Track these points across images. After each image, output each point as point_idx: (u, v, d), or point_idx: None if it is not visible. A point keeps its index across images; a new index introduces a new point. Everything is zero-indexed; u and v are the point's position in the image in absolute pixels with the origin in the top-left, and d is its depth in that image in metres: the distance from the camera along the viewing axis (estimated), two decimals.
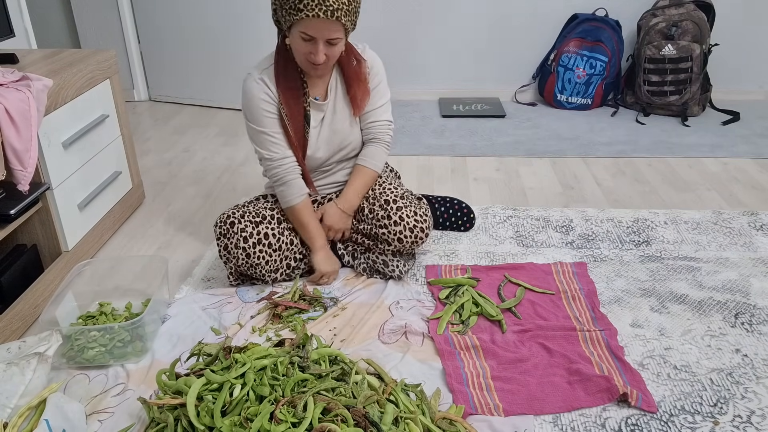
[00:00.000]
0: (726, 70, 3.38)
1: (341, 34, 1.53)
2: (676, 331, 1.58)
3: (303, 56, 1.58)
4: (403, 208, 1.73)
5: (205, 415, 1.17)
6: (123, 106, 2.20)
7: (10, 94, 1.54)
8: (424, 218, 1.74)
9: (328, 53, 1.56)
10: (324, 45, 1.53)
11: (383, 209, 1.74)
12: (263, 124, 1.68)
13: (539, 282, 1.78)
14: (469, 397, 1.36)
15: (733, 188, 2.41)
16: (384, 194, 1.77)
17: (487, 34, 3.46)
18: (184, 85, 3.54)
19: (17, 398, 1.27)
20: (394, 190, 1.78)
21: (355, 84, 1.72)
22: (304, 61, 1.59)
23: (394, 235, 1.72)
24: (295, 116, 1.68)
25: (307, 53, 1.56)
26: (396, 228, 1.71)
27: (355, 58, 1.71)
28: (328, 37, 1.51)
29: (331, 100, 1.74)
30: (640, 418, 1.31)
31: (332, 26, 1.50)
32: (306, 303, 1.70)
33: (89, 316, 1.64)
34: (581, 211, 2.21)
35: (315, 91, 1.72)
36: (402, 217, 1.71)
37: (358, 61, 1.71)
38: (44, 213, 1.80)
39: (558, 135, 3.00)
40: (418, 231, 1.72)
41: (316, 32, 1.50)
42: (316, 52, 1.54)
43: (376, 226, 1.74)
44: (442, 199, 2.11)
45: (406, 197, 1.78)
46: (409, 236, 1.72)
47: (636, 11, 3.28)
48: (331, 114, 1.75)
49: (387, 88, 1.80)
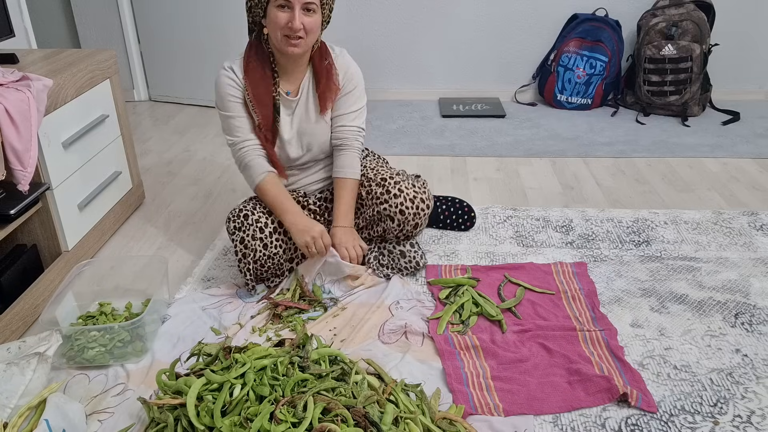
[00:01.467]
0: (726, 70, 3.38)
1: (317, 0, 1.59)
2: (676, 331, 1.58)
3: (281, 29, 1.60)
4: (400, 182, 1.75)
5: (205, 415, 1.17)
6: (123, 106, 2.20)
7: (10, 94, 1.54)
8: (423, 189, 1.77)
9: (305, 23, 1.59)
10: (301, 12, 1.57)
11: (381, 186, 1.75)
12: (228, 108, 1.71)
13: (539, 282, 1.78)
14: (469, 397, 1.36)
15: (733, 188, 2.41)
16: (379, 174, 1.78)
17: (487, 34, 3.46)
18: (184, 85, 3.54)
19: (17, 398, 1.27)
20: (388, 170, 1.79)
21: (323, 81, 1.73)
22: (282, 38, 1.61)
23: (396, 207, 1.73)
24: (263, 104, 1.70)
25: (285, 24, 1.58)
26: (396, 200, 1.73)
27: (326, 57, 1.74)
28: (304, 0, 1.56)
29: (303, 97, 1.75)
30: (640, 418, 1.31)
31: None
32: (306, 303, 1.70)
33: (89, 316, 1.64)
34: (581, 211, 2.21)
35: (287, 86, 1.75)
36: (401, 189, 1.73)
37: (329, 62, 1.74)
38: (44, 213, 1.80)
39: (558, 135, 3.00)
40: (419, 201, 1.74)
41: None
42: (293, 19, 1.57)
43: (377, 204, 1.76)
44: (444, 198, 2.11)
45: (402, 173, 1.80)
46: (410, 207, 1.73)
47: (636, 11, 3.28)
48: (302, 110, 1.76)
49: (363, 95, 1.81)
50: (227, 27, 3.27)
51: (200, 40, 3.37)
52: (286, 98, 1.74)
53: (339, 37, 3.43)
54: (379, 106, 3.44)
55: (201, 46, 3.38)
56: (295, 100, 1.75)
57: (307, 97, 1.76)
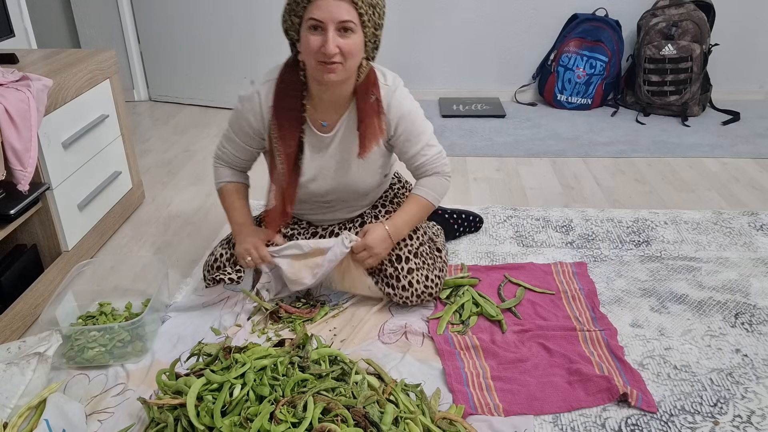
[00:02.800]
0: (726, 70, 3.38)
1: (354, 17, 1.37)
2: (676, 331, 1.58)
3: (314, 56, 1.40)
4: (414, 270, 1.62)
5: (205, 415, 1.17)
6: (123, 106, 2.20)
7: (10, 94, 1.54)
8: (435, 282, 1.65)
9: (342, 46, 1.38)
10: (335, 32, 1.37)
11: (393, 266, 1.62)
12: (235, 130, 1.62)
13: (539, 282, 1.78)
14: (469, 397, 1.36)
15: (733, 188, 2.41)
16: (397, 246, 1.63)
17: (487, 34, 3.46)
18: (184, 85, 3.54)
19: (17, 398, 1.27)
20: (409, 242, 1.65)
21: (366, 120, 1.52)
22: (317, 64, 1.41)
23: (400, 298, 1.63)
24: (287, 142, 1.53)
25: (318, 48, 1.38)
26: (404, 293, 1.62)
27: (374, 92, 1.52)
28: (338, 18, 1.35)
29: (340, 134, 1.57)
30: (640, 418, 1.31)
31: (342, 5, 1.35)
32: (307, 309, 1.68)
33: (89, 316, 1.64)
34: (581, 211, 2.21)
35: (324, 118, 1.56)
36: (411, 282, 1.62)
37: (377, 98, 1.52)
38: (44, 213, 1.80)
39: (558, 135, 3.00)
40: (426, 296, 1.64)
41: (325, 14, 1.35)
42: (326, 42, 1.36)
43: (383, 282, 1.65)
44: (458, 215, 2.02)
45: (421, 254, 1.65)
46: (416, 301, 1.64)
47: (636, 11, 3.28)
48: (335, 149, 1.58)
49: (424, 123, 1.60)
50: (227, 27, 3.27)
51: (200, 40, 3.37)
52: (317, 134, 1.57)
53: None
54: None
55: (201, 46, 3.38)
56: (329, 136, 1.57)
57: (346, 135, 1.57)
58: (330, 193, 1.64)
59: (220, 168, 1.70)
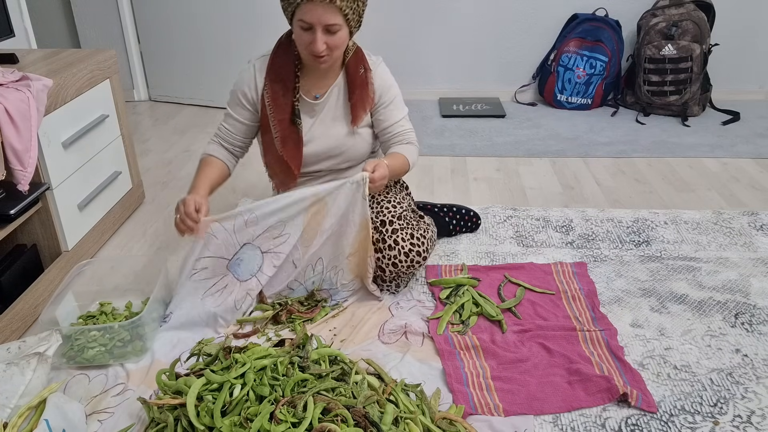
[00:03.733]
0: (726, 70, 3.38)
1: (339, 20, 1.50)
2: (676, 331, 1.58)
3: (305, 48, 1.55)
4: (399, 230, 1.65)
5: (205, 415, 1.17)
6: (123, 106, 2.20)
7: (10, 94, 1.54)
8: (421, 240, 1.67)
9: (329, 42, 1.52)
10: (323, 32, 1.50)
11: (378, 231, 1.66)
12: (231, 104, 1.73)
13: (539, 282, 1.78)
14: (469, 397, 1.36)
15: (733, 188, 2.41)
16: (381, 213, 1.69)
17: (487, 34, 3.46)
18: (184, 85, 3.54)
19: (17, 398, 1.27)
20: (392, 209, 1.70)
21: (357, 91, 1.67)
22: (307, 54, 1.56)
23: (389, 260, 1.64)
24: (281, 109, 1.66)
25: (308, 44, 1.53)
26: (390, 253, 1.64)
27: (363, 66, 1.67)
28: (325, 22, 1.48)
29: (331, 102, 1.70)
30: (640, 418, 1.31)
31: (329, 10, 1.47)
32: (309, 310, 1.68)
33: (89, 316, 1.64)
34: (581, 211, 2.21)
35: (315, 89, 1.69)
36: (397, 240, 1.64)
37: (366, 70, 1.67)
38: (44, 213, 1.80)
39: (558, 135, 3.00)
40: (414, 255, 1.64)
41: (313, 17, 1.48)
42: (315, 41, 1.51)
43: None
44: (448, 209, 2.04)
45: (404, 217, 1.70)
46: (404, 261, 1.64)
47: (636, 11, 3.28)
48: (329, 115, 1.71)
49: (402, 101, 1.76)
50: (227, 27, 3.27)
51: (200, 40, 3.36)
52: (309, 101, 1.69)
53: None
54: None
55: (201, 46, 3.38)
56: (320, 103, 1.69)
57: (336, 103, 1.70)
58: (323, 157, 1.73)
59: (211, 144, 1.77)
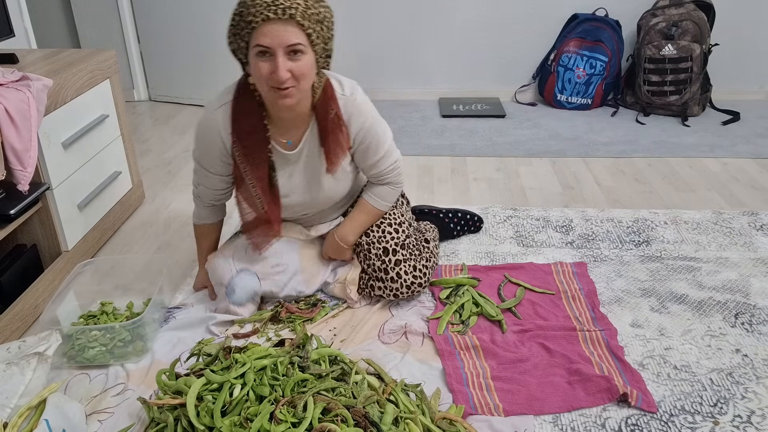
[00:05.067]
0: (726, 70, 3.38)
1: (302, 39, 1.32)
2: (676, 331, 1.58)
3: (265, 81, 1.35)
4: (402, 262, 1.63)
5: (205, 415, 1.17)
6: (123, 106, 2.20)
7: (10, 94, 1.54)
8: (423, 272, 1.66)
9: (293, 69, 1.33)
10: (284, 56, 1.32)
11: (380, 260, 1.63)
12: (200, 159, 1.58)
13: (539, 282, 1.78)
14: (469, 397, 1.36)
15: (733, 188, 2.41)
16: (383, 239, 1.64)
17: (487, 34, 3.46)
18: (184, 85, 3.54)
19: (17, 398, 1.27)
20: (395, 235, 1.66)
21: (330, 137, 1.51)
22: (270, 90, 1.37)
23: (390, 291, 1.64)
24: (256, 164, 1.51)
25: (269, 74, 1.34)
26: (393, 285, 1.63)
27: (333, 107, 1.49)
28: (286, 43, 1.30)
29: (305, 150, 1.55)
30: (640, 418, 1.31)
31: (288, 28, 1.30)
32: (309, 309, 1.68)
33: (91, 315, 1.64)
34: (581, 211, 2.21)
35: (286, 136, 1.53)
36: (400, 273, 1.62)
37: (336, 113, 1.49)
38: (44, 213, 1.80)
39: (558, 135, 3.00)
40: (416, 287, 1.64)
41: (272, 40, 1.30)
42: (276, 68, 1.32)
43: (372, 277, 1.66)
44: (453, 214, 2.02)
45: (408, 245, 1.66)
46: (406, 293, 1.64)
47: (636, 11, 3.28)
48: (304, 165, 1.57)
49: (384, 132, 1.59)
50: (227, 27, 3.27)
51: (200, 40, 3.36)
52: (283, 153, 1.54)
53: (338, 37, 3.43)
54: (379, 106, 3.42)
55: (201, 46, 3.38)
56: (294, 153, 1.55)
57: (311, 150, 1.55)
58: (304, 207, 1.65)
59: (200, 208, 1.71)
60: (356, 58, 3.50)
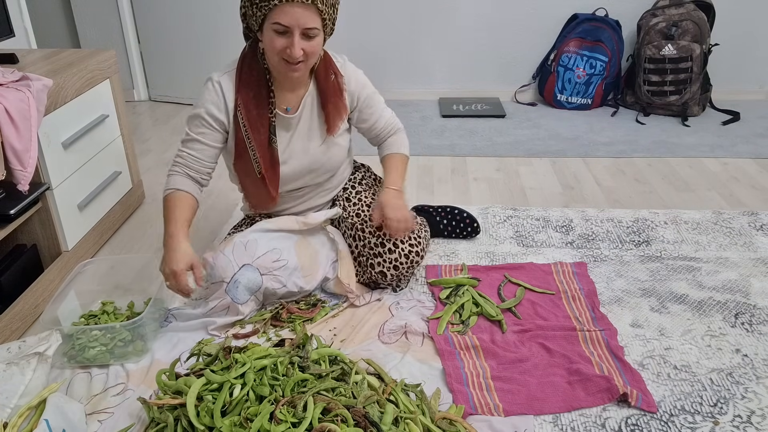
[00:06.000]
0: (726, 70, 3.38)
1: (318, 24, 1.42)
2: (676, 331, 1.58)
3: (278, 54, 1.45)
4: None
5: (205, 415, 1.17)
6: (123, 106, 2.20)
7: (10, 94, 1.54)
8: (418, 240, 1.67)
9: (306, 48, 1.43)
10: (300, 37, 1.41)
11: (374, 235, 1.65)
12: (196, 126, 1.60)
13: (539, 282, 1.78)
14: (469, 397, 1.36)
15: (733, 188, 2.41)
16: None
17: (487, 34, 3.46)
18: (184, 85, 3.54)
19: (17, 398, 1.27)
20: None
21: (331, 100, 1.60)
22: (280, 61, 1.46)
23: (390, 263, 1.65)
24: (258, 128, 1.55)
25: (282, 49, 1.43)
26: (391, 256, 1.64)
27: (333, 71, 1.59)
28: (304, 26, 1.40)
29: (305, 114, 1.62)
30: (640, 418, 1.31)
31: (308, 13, 1.39)
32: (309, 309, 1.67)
33: (91, 315, 1.64)
34: (581, 211, 2.21)
35: (285, 102, 1.60)
36: (396, 243, 1.64)
37: (336, 75, 1.59)
38: (44, 213, 1.80)
39: (558, 135, 3.00)
40: (414, 255, 1.66)
41: (291, 20, 1.39)
42: (292, 46, 1.41)
43: (370, 255, 1.66)
44: (443, 210, 2.03)
45: None
46: (405, 263, 1.65)
47: (636, 11, 3.28)
48: (304, 128, 1.63)
49: (375, 90, 1.71)
50: (227, 27, 3.27)
51: (200, 40, 3.37)
52: (284, 116, 1.60)
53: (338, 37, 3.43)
54: None
55: (201, 46, 3.38)
56: (295, 117, 1.61)
57: (311, 114, 1.62)
58: (301, 174, 1.68)
59: (175, 175, 1.62)
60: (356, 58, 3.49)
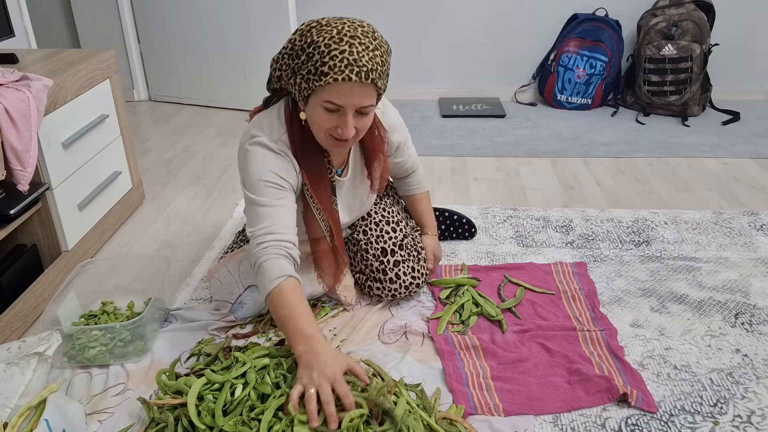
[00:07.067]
0: (726, 70, 3.38)
1: (374, 100, 1.26)
2: (676, 331, 1.58)
3: (325, 132, 1.30)
4: (400, 263, 1.62)
5: (206, 415, 1.17)
6: (123, 106, 2.20)
7: (10, 94, 1.54)
8: (421, 272, 1.67)
9: (358, 126, 1.28)
10: (354, 115, 1.26)
11: (378, 260, 1.63)
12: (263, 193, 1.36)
13: (539, 282, 1.78)
14: (469, 397, 1.36)
15: (733, 188, 2.41)
16: (381, 239, 1.64)
17: (487, 34, 3.46)
18: (184, 85, 3.54)
19: (17, 398, 1.27)
20: (392, 234, 1.65)
21: (375, 160, 1.51)
22: (327, 137, 1.31)
23: (389, 291, 1.64)
24: (321, 193, 1.45)
25: (332, 128, 1.28)
26: (391, 286, 1.63)
27: (377, 126, 1.46)
28: (359, 105, 1.24)
29: (351, 175, 1.56)
30: (640, 418, 1.31)
31: (365, 91, 1.23)
32: None
33: (91, 315, 1.64)
34: (581, 211, 2.21)
35: (335, 164, 1.51)
36: (398, 275, 1.62)
37: (379, 129, 1.47)
38: (44, 213, 1.80)
39: (558, 135, 3.00)
40: (414, 288, 1.65)
41: (346, 99, 1.22)
42: (345, 126, 1.25)
43: (370, 278, 1.65)
44: (440, 213, 2.01)
45: (406, 246, 1.66)
46: (404, 293, 1.65)
47: (636, 11, 3.28)
48: (349, 187, 1.57)
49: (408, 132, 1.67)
50: (227, 27, 3.27)
51: (200, 40, 3.36)
52: (337, 179, 1.52)
53: None
54: None
55: (201, 46, 3.38)
56: (345, 180, 1.54)
57: (354, 172, 1.56)
58: (344, 227, 1.66)
59: (274, 259, 1.30)
60: None
